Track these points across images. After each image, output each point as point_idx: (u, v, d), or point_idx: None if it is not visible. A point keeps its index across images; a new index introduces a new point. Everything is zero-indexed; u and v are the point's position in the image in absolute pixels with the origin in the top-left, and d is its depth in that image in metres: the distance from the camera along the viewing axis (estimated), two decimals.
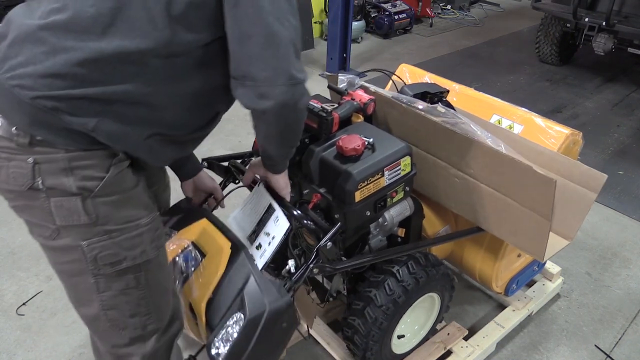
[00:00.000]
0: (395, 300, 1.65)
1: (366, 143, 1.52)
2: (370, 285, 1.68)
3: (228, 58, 1.11)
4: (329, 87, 1.84)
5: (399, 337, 1.88)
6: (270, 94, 1.08)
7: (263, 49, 1.05)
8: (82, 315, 1.26)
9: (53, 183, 1.06)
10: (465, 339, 2.02)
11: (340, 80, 1.82)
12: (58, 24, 1.01)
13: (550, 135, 1.82)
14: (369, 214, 1.54)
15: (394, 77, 2.04)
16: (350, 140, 1.49)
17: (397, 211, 1.67)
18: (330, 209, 1.55)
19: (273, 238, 1.44)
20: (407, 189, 1.62)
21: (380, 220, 1.66)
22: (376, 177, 1.50)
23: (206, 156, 1.78)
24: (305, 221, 1.47)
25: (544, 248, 1.59)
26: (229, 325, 1.32)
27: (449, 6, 7.21)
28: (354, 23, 5.03)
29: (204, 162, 1.75)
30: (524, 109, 1.95)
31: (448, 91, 1.95)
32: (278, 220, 1.46)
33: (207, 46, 1.10)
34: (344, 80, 1.79)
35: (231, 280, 1.39)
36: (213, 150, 3.34)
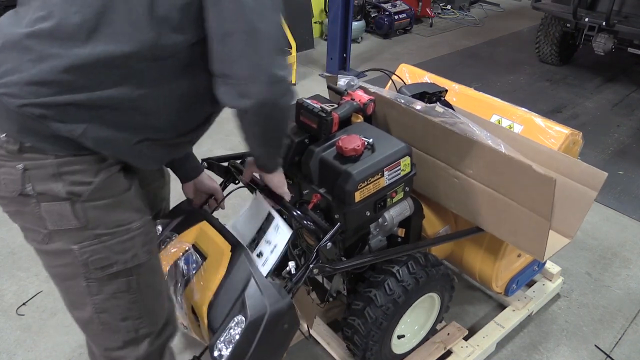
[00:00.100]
0: (395, 301, 1.65)
1: (366, 143, 1.51)
2: (370, 285, 1.68)
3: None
4: (329, 87, 1.84)
5: (399, 337, 1.88)
6: (251, 92, 1.06)
7: (244, 46, 1.03)
8: (76, 318, 1.26)
9: (43, 189, 1.06)
10: (465, 339, 2.02)
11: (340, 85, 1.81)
12: (44, 32, 1.01)
13: (550, 135, 1.82)
14: (368, 214, 1.54)
15: (393, 77, 2.04)
16: (350, 141, 1.49)
17: (397, 211, 1.67)
18: (330, 209, 1.55)
19: (275, 246, 1.45)
20: (407, 189, 1.62)
21: (380, 220, 1.66)
22: (376, 178, 1.50)
23: (206, 156, 1.77)
24: (305, 221, 1.47)
25: (544, 248, 1.59)
26: (231, 328, 1.32)
27: (449, 6, 7.21)
28: (354, 23, 5.03)
29: (204, 163, 1.75)
30: (523, 109, 1.95)
31: (446, 91, 1.95)
32: (279, 229, 1.46)
33: (193, 46, 1.08)
34: (343, 83, 1.79)
35: (232, 282, 1.39)
36: (213, 150, 3.34)
